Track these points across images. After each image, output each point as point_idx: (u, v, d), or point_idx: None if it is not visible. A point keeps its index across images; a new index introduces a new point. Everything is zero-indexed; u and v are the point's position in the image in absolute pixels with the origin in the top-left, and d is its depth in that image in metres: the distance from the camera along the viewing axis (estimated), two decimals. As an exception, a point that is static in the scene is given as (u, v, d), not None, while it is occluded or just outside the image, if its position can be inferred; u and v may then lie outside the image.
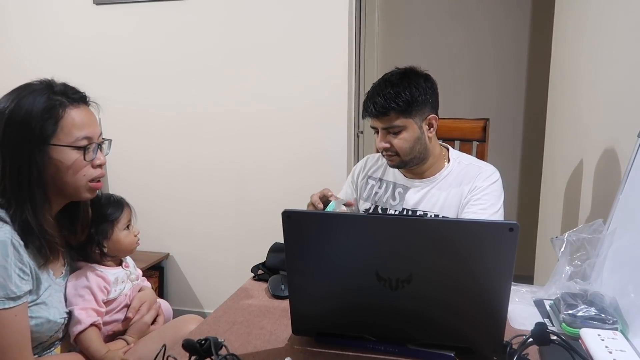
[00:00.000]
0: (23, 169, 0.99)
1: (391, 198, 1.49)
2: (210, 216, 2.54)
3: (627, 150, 1.16)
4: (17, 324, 0.96)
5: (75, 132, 1.03)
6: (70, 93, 1.05)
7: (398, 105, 1.31)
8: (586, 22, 1.72)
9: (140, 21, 2.45)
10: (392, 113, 1.32)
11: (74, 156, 1.03)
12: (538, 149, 2.41)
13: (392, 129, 1.34)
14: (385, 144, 1.36)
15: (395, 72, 1.38)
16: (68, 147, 1.02)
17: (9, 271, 0.93)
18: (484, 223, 0.94)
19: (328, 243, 0.86)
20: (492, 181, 1.38)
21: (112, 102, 2.51)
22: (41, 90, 1.02)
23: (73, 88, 1.08)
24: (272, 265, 1.28)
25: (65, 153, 1.02)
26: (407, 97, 1.31)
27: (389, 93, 1.31)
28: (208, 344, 0.78)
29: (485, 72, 3.10)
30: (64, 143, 1.01)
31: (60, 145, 1.01)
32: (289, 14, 2.28)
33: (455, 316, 0.85)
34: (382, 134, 1.37)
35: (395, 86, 1.32)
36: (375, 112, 1.33)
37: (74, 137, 1.02)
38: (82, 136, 1.03)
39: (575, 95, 1.82)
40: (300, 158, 2.37)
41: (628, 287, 0.96)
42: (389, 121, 1.33)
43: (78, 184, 1.06)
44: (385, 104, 1.31)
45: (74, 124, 1.03)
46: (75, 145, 1.03)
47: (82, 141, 1.04)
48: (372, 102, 1.34)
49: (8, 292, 0.93)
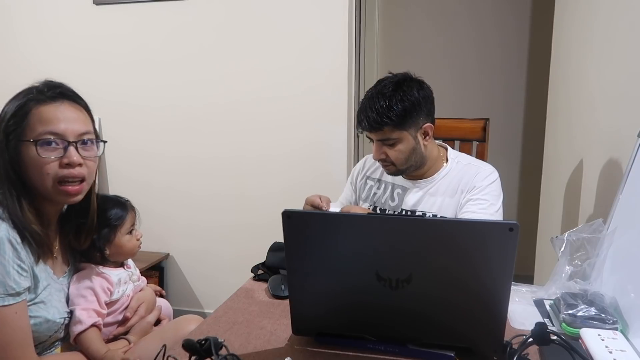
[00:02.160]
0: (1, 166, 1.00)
1: (390, 199, 1.49)
2: (211, 213, 2.53)
3: (627, 150, 1.16)
4: (18, 321, 0.96)
5: (38, 128, 0.99)
6: (47, 90, 1.03)
7: (391, 120, 1.29)
8: (586, 22, 1.72)
9: (140, 21, 2.45)
10: (385, 127, 1.31)
11: (36, 153, 0.99)
12: (538, 149, 2.41)
13: (387, 142, 1.34)
14: (381, 155, 1.36)
15: (388, 82, 1.35)
16: (29, 142, 0.99)
17: (7, 267, 0.93)
18: (484, 223, 0.94)
19: (328, 243, 0.86)
20: (490, 181, 1.38)
21: (112, 101, 2.52)
22: (27, 91, 1.02)
23: (56, 84, 1.05)
24: (271, 265, 1.28)
25: (27, 148, 0.99)
26: (400, 111, 1.29)
27: (381, 107, 1.29)
28: (208, 344, 0.78)
29: (486, 72, 3.10)
30: (27, 138, 0.99)
31: (23, 141, 0.99)
32: (289, 13, 2.28)
33: (455, 316, 0.85)
34: (377, 145, 1.36)
35: (387, 99, 1.30)
36: (368, 127, 1.32)
37: (36, 132, 0.99)
38: (45, 131, 0.99)
39: (575, 95, 1.82)
40: (301, 156, 2.38)
41: (628, 287, 0.96)
42: (383, 134, 1.33)
43: (44, 184, 1.01)
44: (377, 119, 1.30)
45: (40, 119, 1.00)
46: (35, 140, 0.99)
47: (45, 136, 0.99)
48: (365, 116, 1.32)
49: (7, 288, 0.93)
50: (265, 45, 2.33)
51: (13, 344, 0.95)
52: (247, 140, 2.43)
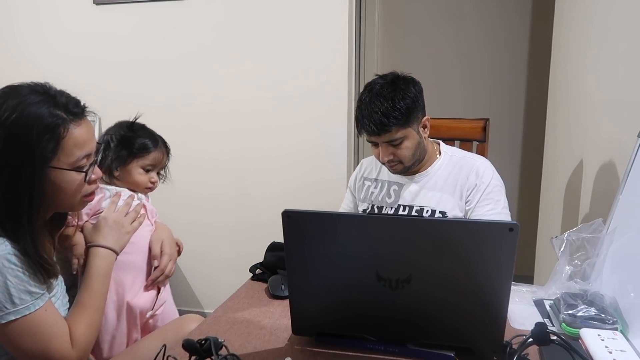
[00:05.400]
0: (22, 194, 0.90)
1: (387, 196, 1.49)
2: (211, 213, 2.53)
3: (627, 150, 1.16)
4: (50, 317, 0.96)
5: (76, 152, 0.95)
6: (72, 107, 0.96)
7: (397, 120, 1.30)
8: (586, 22, 1.72)
9: (140, 20, 2.45)
10: (393, 128, 1.31)
11: (75, 177, 0.96)
12: (538, 149, 2.41)
13: (394, 142, 1.34)
14: (388, 156, 1.36)
15: (380, 83, 1.35)
16: (68, 170, 0.95)
17: (23, 277, 0.92)
18: (483, 223, 0.95)
19: (328, 243, 0.86)
20: (490, 176, 1.40)
21: (112, 101, 2.52)
22: (41, 103, 0.92)
23: (73, 100, 0.99)
24: (269, 264, 1.28)
25: (66, 175, 0.95)
26: (404, 109, 1.30)
27: (385, 109, 1.29)
28: (208, 344, 0.78)
29: (486, 72, 3.10)
30: (65, 166, 0.94)
31: (60, 169, 0.94)
32: (289, 13, 2.28)
33: (455, 316, 0.85)
34: (383, 147, 1.36)
35: (389, 100, 1.30)
36: (376, 131, 1.31)
37: (75, 157, 0.95)
38: (82, 155, 0.96)
39: (575, 95, 1.82)
40: (300, 156, 2.38)
41: (628, 287, 0.96)
42: (390, 136, 1.33)
43: (73, 202, 1.00)
44: (383, 121, 1.30)
45: (76, 143, 0.95)
46: (76, 167, 0.96)
47: (83, 161, 0.97)
48: (369, 120, 1.31)
49: (33, 294, 0.93)
50: (265, 45, 2.33)
51: (52, 341, 0.95)
52: (247, 140, 2.43)
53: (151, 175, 1.27)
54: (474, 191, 1.39)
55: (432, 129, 1.48)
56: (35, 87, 0.96)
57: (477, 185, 1.39)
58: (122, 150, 1.20)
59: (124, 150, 1.20)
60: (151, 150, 1.26)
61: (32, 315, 0.92)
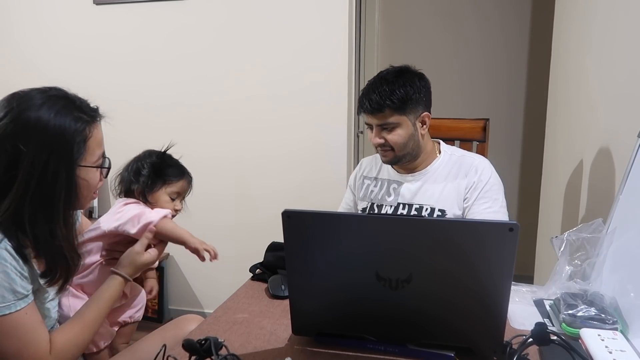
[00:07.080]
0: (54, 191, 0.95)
1: (386, 194, 1.50)
2: (211, 213, 2.53)
3: (627, 150, 1.16)
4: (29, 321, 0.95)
5: (97, 151, 1.02)
6: (89, 109, 1.03)
7: (393, 103, 1.33)
8: (586, 22, 1.72)
9: (140, 20, 2.45)
10: (386, 110, 1.34)
11: (96, 174, 1.03)
12: (538, 149, 2.41)
13: (387, 126, 1.37)
14: (379, 139, 1.39)
15: (390, 70, 1.41)
16: (93, 167, 1.02)
17: (11, 275, 0.92)
18: (483, 223, 0.94)
19: (328, 243, 0.86)
20: (488, 174, 1.41)
21: (112, 100, 2.51)
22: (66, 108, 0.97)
23: (86, 102, 1.05)
24: (269, 264, 1.29)
25: (90, 173, 1.01)
26: (402, 95, 1.33)
27: (384, 90, 1.34)
28: (208, 344, 0.78)
29: (486, 72, 3.10)
30: (90, 163, 1.01)
31: (87, 166, 1.00)
32: (290, 13, 2.28)
33: (455, 316, 0.85)
34: (376, 130, 1.39)
35: (390, 84, 1.35)
36: (370, 109, 1.36)
37: (96, 155, 1.02)
38: (101, 153, 1.04)
39: (575, 95, 1.82)
40: (301, 155, 2.38)
41: (628, 287, 0.96)
42: (383, 118, 1.36)
43: (88, 198, 1.05)
44: (380, 101, 1.34)
45: (97, 143, 1.02)
46: (98, 165, 1.03)
47: (101, 159, 1.04)
48: (367, 98, 1.36)
49: (16, 294, 0.93)
50: (265, 45, 2.33)
51: (27, 346, 0.94)
52: (247, 140, 2.43)
53: (176, 204, 1.34)
54: (472, 189, 1.40)
55: (433, 129, 1.49)
56: (51, 91, 0.99)
57: (475, 183, 1.40)
58: (153, 176, 1.26)
59: (154, 177, 1.26)
60: (179, 178, 1.34)
61: (11, 315, 0.92)
